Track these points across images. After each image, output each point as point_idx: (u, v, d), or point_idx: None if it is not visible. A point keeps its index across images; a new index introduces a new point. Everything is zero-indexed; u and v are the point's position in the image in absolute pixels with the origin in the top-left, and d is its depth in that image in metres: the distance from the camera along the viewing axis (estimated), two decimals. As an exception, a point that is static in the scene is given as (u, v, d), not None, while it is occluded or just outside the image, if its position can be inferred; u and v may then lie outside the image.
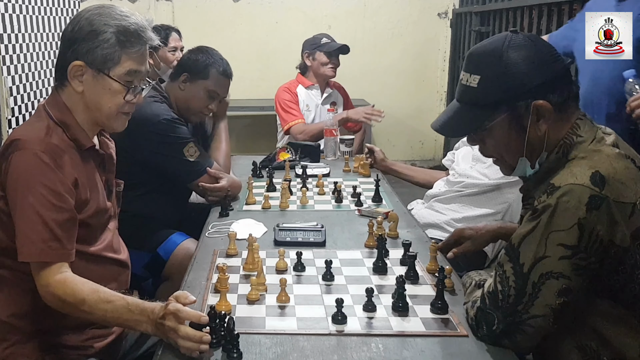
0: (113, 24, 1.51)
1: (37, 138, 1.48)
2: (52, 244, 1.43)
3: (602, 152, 1.32)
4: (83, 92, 1.53)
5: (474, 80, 1.38)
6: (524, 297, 1.27)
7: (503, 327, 1.29)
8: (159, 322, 1.31)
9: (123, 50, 1.51)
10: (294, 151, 3.02)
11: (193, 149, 2.32)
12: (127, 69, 1.53)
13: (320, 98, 3.66)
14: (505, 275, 1.30)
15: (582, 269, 1.25)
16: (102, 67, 1.51)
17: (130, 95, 1.56)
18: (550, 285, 1.25)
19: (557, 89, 1.34)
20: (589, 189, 1.24)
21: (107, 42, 1.50)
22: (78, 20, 1.54)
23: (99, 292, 1.42)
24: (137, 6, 5.59)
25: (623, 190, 1.26)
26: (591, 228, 1.23)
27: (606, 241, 1.24)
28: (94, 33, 1.50)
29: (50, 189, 1.44)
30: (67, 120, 1.55)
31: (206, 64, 2.44)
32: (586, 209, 1.23)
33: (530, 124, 1.34)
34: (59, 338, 1.56)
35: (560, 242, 1.24)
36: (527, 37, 1.38)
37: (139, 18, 1.56)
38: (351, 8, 5.82)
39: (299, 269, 1.71)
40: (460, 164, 2.54)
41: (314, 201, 2.42)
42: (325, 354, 1.29)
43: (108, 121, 1.58)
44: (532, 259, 1.26)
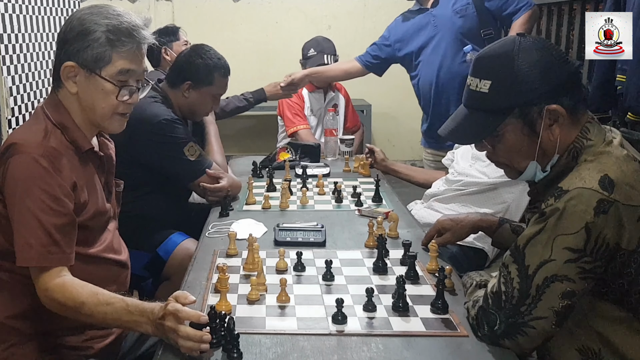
0: (103, 23, 1.49)
1: (35, 142, 1.47)
2: (51, 248, 1.43)
3: (611, 154, 1.31)
4: (77, 93, 1.53)
5: (484, 86, 1.36)
6: (527, 298, 1.26)
7: (504, 328, 1.29)
8: (158, 323, 1.31)
9: (114, 49, 1.50)
10: (294, 151, 3.02)
11: (193, 149, 2.32)
12: (118, 69, 1.51)
13: (324, 102, 3.66)
14: (510, 277, 1.29)
15: (587, 272, 1.24)
16: (93, 67, 1.50)
17: (124, 96, 1.53)
18: (554, 288, 1.25)
19: (569, 92, 1.33)
20: (598, 193, 1.23)
21: (97, 41, 1.48)
22: (71, 20, 1.53)
23: (98, 295, 1.42)
24: (137, 6, 5.59)
25: (632, 193, 1.25)
26: (598, 232, 1.22)
27: (613, 245, 1.24)
28: (84, 32, 1.49)
29: (48, 194, 1.44)
30: (65, 122, 1.54)
31: (209, 70, 2.43)
32: (594, 212, 1.22)
33: (543, 129, 1.33)
34: (58, 339, 1.56)
35: (566, 246, 1.24)
36: (537, 40, 1.37)
37: (133, 17, 1.54)
38: (351, 8, 5.82)
39: (299, 269, 1.71)
40: (459, 163, 2.54)
41: (314, 201, 2.42)
42: (325, 354, 1.29)
43: (103, 122, 1.57)
44: (537, 261, 1.26)
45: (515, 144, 1.37)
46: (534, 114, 1.33)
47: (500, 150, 1.41)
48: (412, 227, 2.13)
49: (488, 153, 1.45)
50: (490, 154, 1.45)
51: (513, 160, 1.41)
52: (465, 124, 1.43)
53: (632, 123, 2.85)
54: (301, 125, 3.50)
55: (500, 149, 1.41)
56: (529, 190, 1.47)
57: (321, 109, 3.65)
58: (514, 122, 1.35)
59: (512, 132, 1.36)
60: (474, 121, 1.41)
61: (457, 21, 3.03)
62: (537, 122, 1.33)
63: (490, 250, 2.33)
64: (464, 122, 1.43)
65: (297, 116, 3.53)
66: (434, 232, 1.87)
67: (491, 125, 1.37)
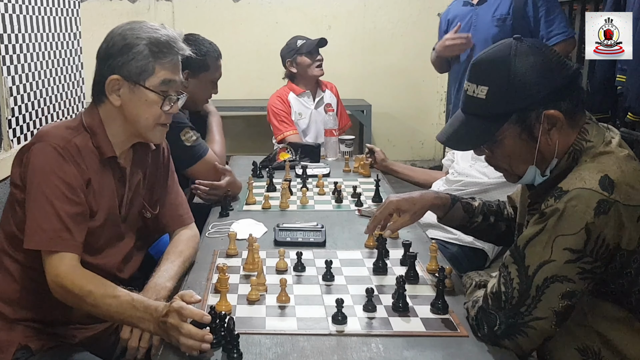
0: (145, 37, 1.57)
1: (60, 135, 1.56)
2: (63, 234, 1.48)
3: (611, 154, 1.30)
4: (121, 105, 1.59)
5: (481, 92, 1.35)
6: (528, 299, 1.26)
7: (504, 328, 1.29)
8: (161, 320, 1.32)
9: (156, 60, 1.57)
10: (294, 151, 3.01)
11: (189, 134, 2.31)
12: (161, 79, 1.58)
13: (313, 103, 3.62)
14: (510, 277, 1.29)
15: (587, 272, 1.24)
16: (137, 79, 1.57)
17: (166, 105, 1.60)
18: (554, 288, 1.24)
19: (567, 96, 1.32)
20: (598, 194, 1.23)
21: (141, 54, 1.56)
22: (111, 37, 1.60)
23: (105, 287, 1.45)
24: (137, 6, 5.59)
25: (632, 193, 1.25)
26: (598, 232, 1.22)
27: (613, 245, 1.24)
28: (127, 47, 1.56)
29: (64, 182, 1.50)
30: (95, 128, 1.60)
31: (203, 56, 2.48)
32: (594, 213, 1.22)
33: (541, 134, 1.32)
34: (43, 326, 1.59)
35: (566, 247, 1.24)
36: (533, 43, 1.35)
37: (169, 30, 1.63)
38: (351, 8, 5.82)
39: (299, 269, 1.71)
40: (459, 163, 2.53)
41: (314, 201, 2.42)
42: (325, 354, 1.29)
43: (146, 133, 1.64)
44: (537, 262, 1.26)
45: (513, 149, 1.36)
46: (532, 119, 1.32)
47: (498, 155, 1.40)
48: (412, 227, 2.12)
49: (487, 157, 1.45)
50: (489, 158, 1.44)
51: (512, 165, 1.40)
52: (463, 130, 1.42)
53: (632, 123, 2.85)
54: (288, 131, 3.46)
55: (498, 153, 1.40)
56: (529, 193, 1.46)
57: (311, 110, 3.60)
58: (512, 127, 1.34)
59: (510, 137, 1.35)
60: (472, 127, 1.40)
61: (493, 29, 2.99)
62: (535, 127, 1.32)
63: (490, 250, 2.33)
64: (462, 128, 1.42)
65: (284, 123, 3.49)
66: (387, 213, 1.71)
67: (489, 131, 1.36)
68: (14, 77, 2.33)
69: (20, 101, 2.40)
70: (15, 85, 2.34)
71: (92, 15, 5.06)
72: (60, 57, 2.84)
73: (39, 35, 2.58)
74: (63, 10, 2.88)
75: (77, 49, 3.09)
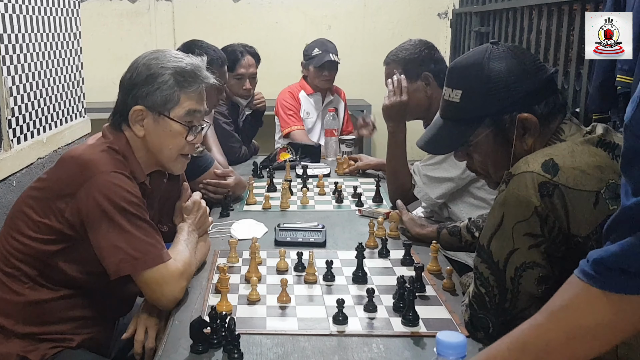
0: (170, 66, 1.55)
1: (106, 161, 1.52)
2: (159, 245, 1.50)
3: (567, 142, 1.28)
4: (144, 136, 1.58)
5: (456, 96, 1.36)
6: (507, 293, 1.25)
7: (498, 328, 1.27)
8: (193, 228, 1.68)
9: (182, 90, 1.56)
10: (295, 151, 3.02)
11: None
12: (186, 109, 1.57)
13: (322, 105, 3.66)
14: (484, 277, 1.28)
15: (551, 256, 1.22)
16: (162, 110, 1.55)
17: (191, 136, 1.59)
18: (527, 276, 1.23)
19: (543, 100, 1.32)
20: (540, 176, 1.20)
21: (166, 83, 1.54)
22: (135, 66, 1.58)
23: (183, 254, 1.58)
24: (137, 6, 5.59)
25: (581, 177, 1.21)
26: (547, 215, 1.20)
27: (564, 229, 1.21)
28: (152, 76, 1.54)
29: (131, 202, 1.48)
30: (127, 154, 1.58)
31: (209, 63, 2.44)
32: (540, 196, 1.20)
33: (515, 138, 1.32)
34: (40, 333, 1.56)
35: (525, 232, 1.22)
36: (508, 47, 1.36)
37: (194, 58, 1.62)
38: (351, 8, 5.82)
39: (299, 269, 1.71)
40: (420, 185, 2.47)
41: (315, 201, 2.42)
42: (326, 355, 1.29)
43: (168, 164, 1.63)
44: (504, 254, 1.25)
45: (489, 154, 1.37)
46: (505, 123, 1.32)
47: (477, 159, 1.41)
48: (413, 227, 2.13)
49: (468, 163, 1.45)
50: (469, 164, 1.45)
51: (490, 170, 1.40)
52: (439, 134, 1.44)
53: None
54: (295, 126, 3.51)
55: (476, 158, 1.40)
56: None
57: (319, 111, 3.65)
58: (486, 131, 1.34)
59: (486, 141, 1.35)
60: (447, 131, 1.41)
61: None
62: (509, 130, 1.32)
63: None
64: (439, 133, 1.44)
65: (292, 117, 3.54)
66: None
67: (463, 134, 1.37)
68: (14, 77, 2.33)
69: (20, 101, 2.39)
70: (15, 85, 2.34)
71: (92, 15, 5.05)
72: (60, 57, 2.84)
73: (39, 35, 2.58)
74: (63, 10, 2.88)
75: (77, 49, 3.09)
